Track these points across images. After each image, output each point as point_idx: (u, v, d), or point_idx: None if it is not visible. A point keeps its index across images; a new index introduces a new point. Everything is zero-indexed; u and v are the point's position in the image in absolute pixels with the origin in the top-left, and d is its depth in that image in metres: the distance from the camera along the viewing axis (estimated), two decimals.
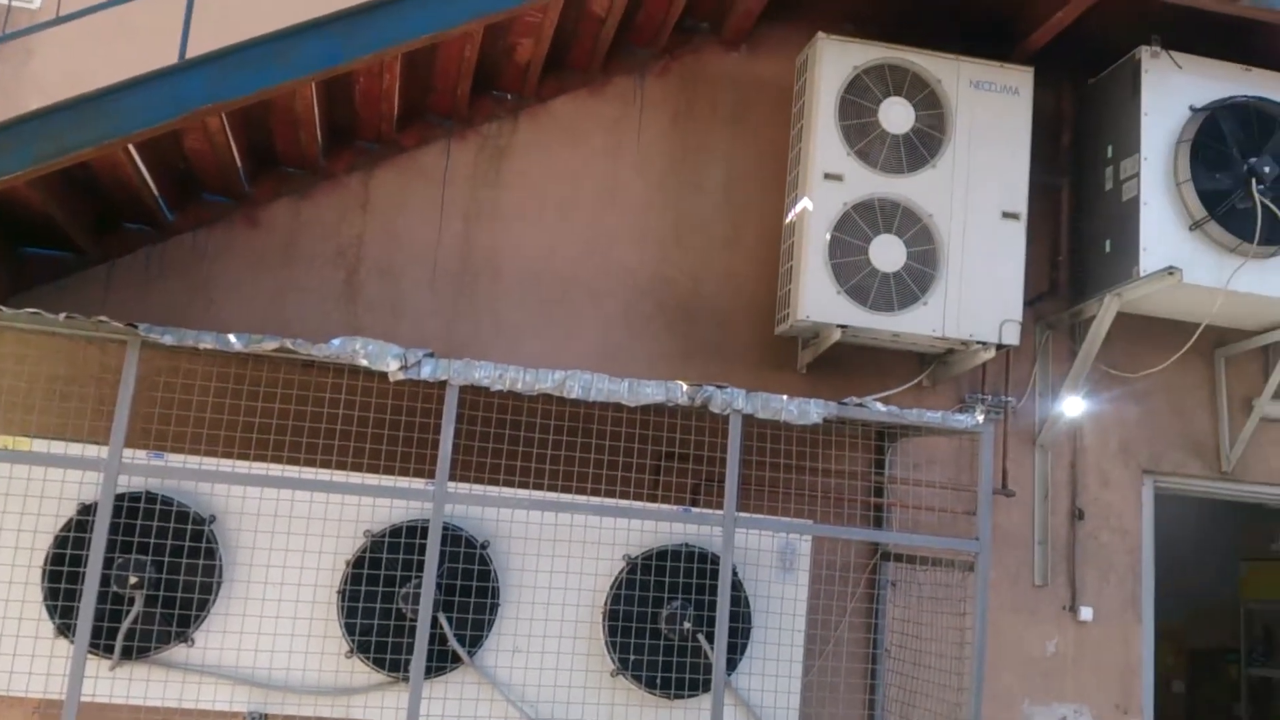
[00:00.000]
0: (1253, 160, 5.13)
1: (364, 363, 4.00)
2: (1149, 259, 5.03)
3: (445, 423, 4.04)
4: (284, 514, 4.18)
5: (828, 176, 5.05)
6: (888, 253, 5.04)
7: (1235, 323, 5.56)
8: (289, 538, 4.18)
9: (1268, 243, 5.08)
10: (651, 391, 4.19)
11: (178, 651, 4.09)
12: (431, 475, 4.06)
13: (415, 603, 4.07)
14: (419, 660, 3.95)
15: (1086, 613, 5.49)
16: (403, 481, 4.21)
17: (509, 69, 5.29)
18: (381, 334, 4.97)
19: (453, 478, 4.11)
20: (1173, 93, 5.19)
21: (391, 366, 4.01)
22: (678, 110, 5.61)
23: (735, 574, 4.38)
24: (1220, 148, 5.14)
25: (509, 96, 5.45)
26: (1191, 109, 5.19)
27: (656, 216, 5.49)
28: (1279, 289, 5.13)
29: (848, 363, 5.44)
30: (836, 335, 4.99)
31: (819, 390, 5.33)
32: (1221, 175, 5.12)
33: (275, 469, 4.14)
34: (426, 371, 4.04)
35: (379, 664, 4.16)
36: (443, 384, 4.08)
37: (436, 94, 5.24)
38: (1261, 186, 5.10)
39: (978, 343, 5.08)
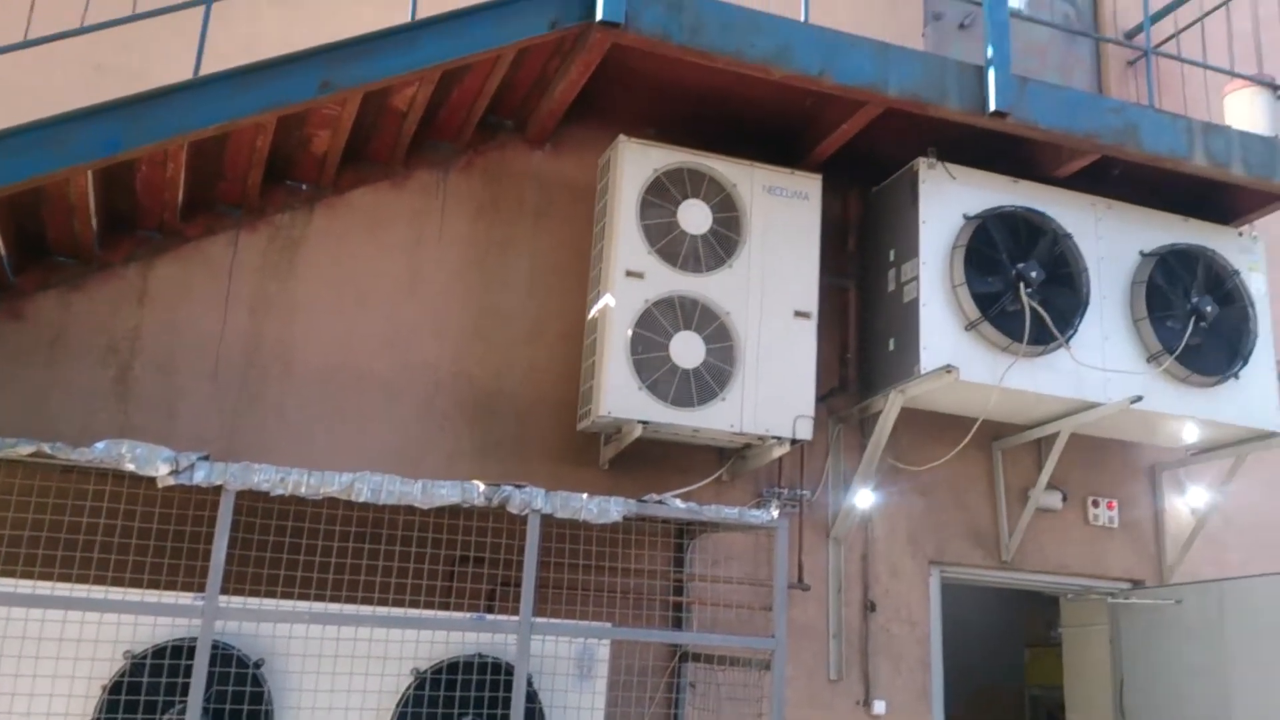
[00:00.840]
0: (1021, 266, 5.50)
1: (131, 467, 3.76)
2: (929, 357, 5.29)
3: (219, 532, 3.81)
4: (33, 635, 3.82)
5: (629, 274, 5.12)
6: (688, 349, 5.12)
7: (1009, 417, 5.90)
8: (37, 662, 3.81)
9: (1036, 343, 5.43)
10: (446, 493, 4.07)
11: None
12: (203, 589, 3.80)
13: None
14: None
15: (880, 706, 5.59)
16: (169, 596, 3.91)
17: (305, 159, 5.16)
18: (155, 435, 4.68)
19: (226, 591, 3.86)
20: (948, 201, 5.54)
21: (161, 471, 3.78)
22: (482, 205, 5.59)
23: (530, 684, 4.24)
24: (991, 253, 5.50)
25: (304, 187, 5.31)
26: (965, 217, 5.54)
27: (458, 310, 5.42)
28: (1047, 386, 5.47)
29: (649, 458, 5.46)
30: (638, 431, 5.00)
31: (621, 486, 5.31)
32: (993, 279, 5.46)
33: (25, 585, 3.80)
34: (200, 476, 3.82)
35: None
36: (218, 489, 3.85)
37: (226, 183, 5.05)
38: (1029, 290, 5.46)
39: (773, 438, 5.19)
